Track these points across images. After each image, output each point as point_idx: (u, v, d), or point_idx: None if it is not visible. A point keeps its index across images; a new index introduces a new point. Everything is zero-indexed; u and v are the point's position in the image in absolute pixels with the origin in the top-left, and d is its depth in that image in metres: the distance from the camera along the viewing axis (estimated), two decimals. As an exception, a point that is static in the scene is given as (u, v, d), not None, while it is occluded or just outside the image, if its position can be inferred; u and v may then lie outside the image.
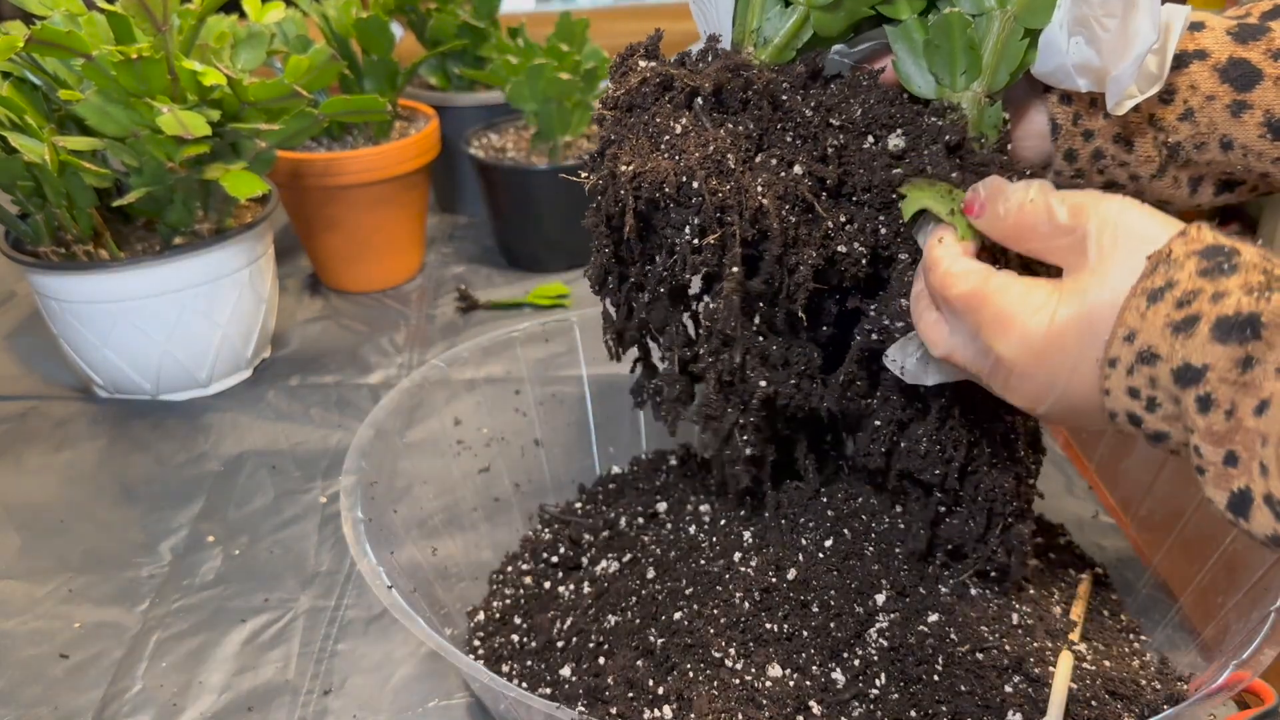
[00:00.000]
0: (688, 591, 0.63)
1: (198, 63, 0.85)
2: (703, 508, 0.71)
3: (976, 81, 0.55)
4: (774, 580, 0.62)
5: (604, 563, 0.70)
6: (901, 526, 0.65)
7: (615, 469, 0.84)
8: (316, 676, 0.70)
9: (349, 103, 0.94)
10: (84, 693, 0.68)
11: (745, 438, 0.61)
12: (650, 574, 0.66)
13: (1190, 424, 0.41)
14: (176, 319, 0.93)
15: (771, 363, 0.59)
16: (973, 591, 0.63)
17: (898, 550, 0.64)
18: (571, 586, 0.70)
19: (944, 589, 0.63)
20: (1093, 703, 0.60)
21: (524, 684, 0.63)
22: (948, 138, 0.54)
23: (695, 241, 0.53)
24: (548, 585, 0.72)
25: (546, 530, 0.78)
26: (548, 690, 0.61)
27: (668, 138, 0.53)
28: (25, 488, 0.88)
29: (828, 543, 0.64)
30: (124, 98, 0.83)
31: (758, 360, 0.58)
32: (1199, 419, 0.41)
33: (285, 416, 0.96)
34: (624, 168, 0.53)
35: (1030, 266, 0.50)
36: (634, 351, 0.64)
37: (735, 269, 0.53)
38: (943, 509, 0.62)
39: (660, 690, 0.59)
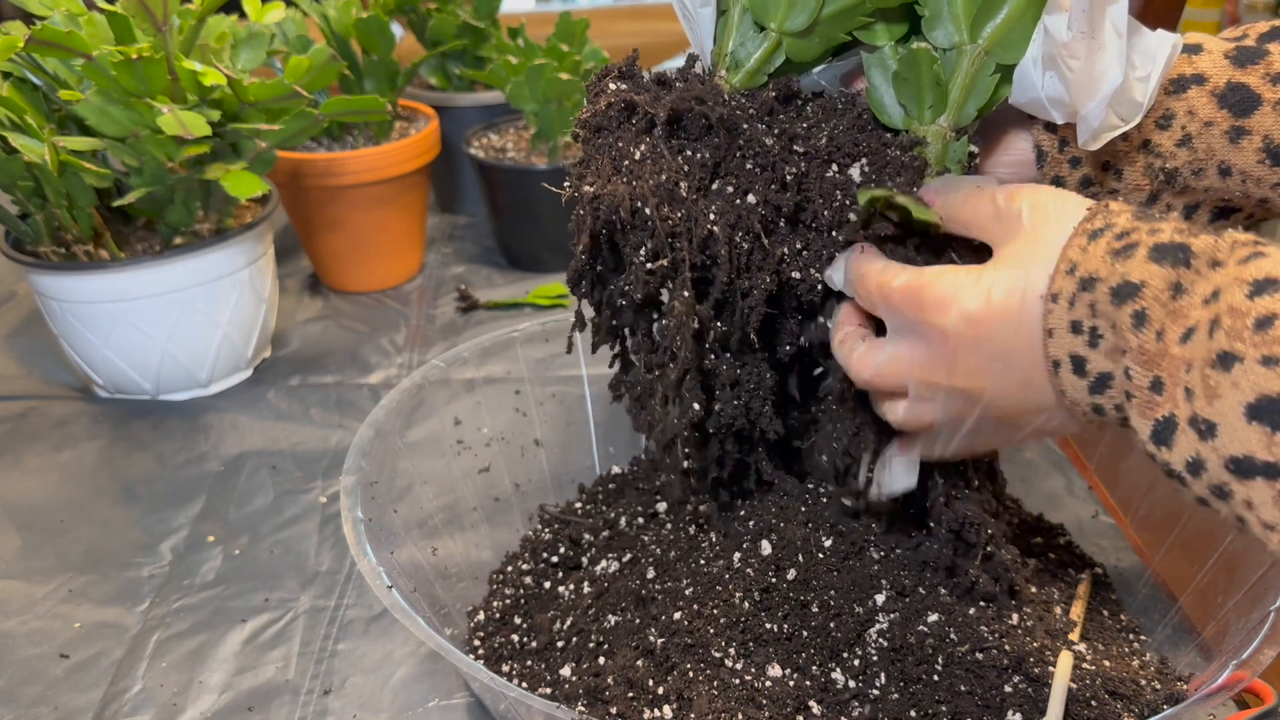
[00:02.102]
0: (688, 591, 0.63)
1: (198, 63, 0.85)
2: (702, 507, 0.71)
3: (943, 116, 0.56)
4: (774, 580, 0.62)
5: (604, 563, 0.70)
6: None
7: (615, 469, 0.84)
8: (317, 676, 0.70)
9: (349, 103, 0.94)
10: (84, 692, 0.69)
11: (686, 450, 0.63)
12: (650, 574, 0.66)
13: (1124, 344, 0.43)
14: (177, 319, 0.93)
15: (721, 382, 0.60)
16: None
17: (897, 551, 0.64)
18: (571, 586, 0.70)
19: (944, 589, 0.63)
20: (1092, 702, 0.60)
21: (524, 684, 0.63)
22: (907, 175, 0.55)
23: (649, 265, 0.55)
24: (548, 585, 0.72)
25: (547, 530, 0.78)
26: (548, 690, 0.62)
27: (627, 162, 0.54)
28: (25, 487, 0.88)
29: (827, 543, 0.64)
30: (124, 98, 0.83)
31: (696, 382, 0.59)
32: (1132, 336, 0.42)
33: (285, 416, 0.96)
34: (587, 188, 0.54)
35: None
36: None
37: (685, 293, 0.55)
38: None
39: (660, 690, 0.59)
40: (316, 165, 1.08)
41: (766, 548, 0.64)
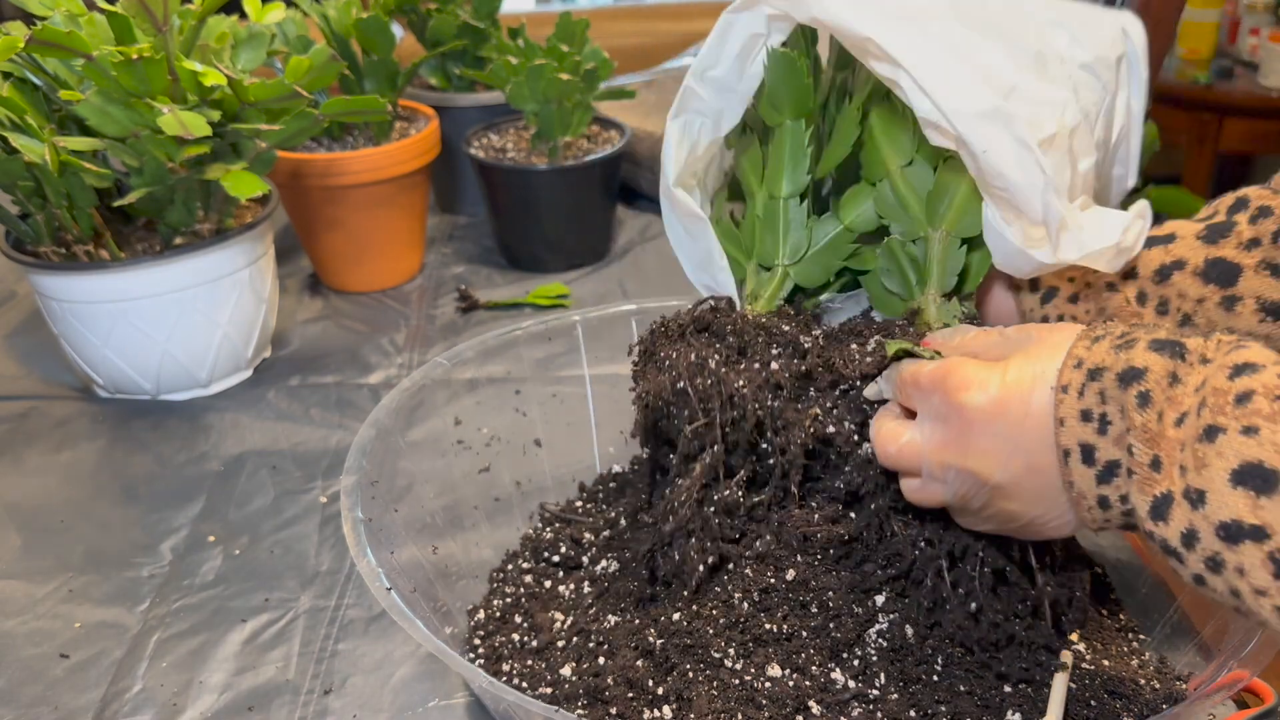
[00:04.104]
0: (686, 592, 0.63)
1: (198, 63, 0.85)
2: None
3: (929, 286, 0.65)
4: (773, 580, 0.62)
5: (604, 562, 0.70)
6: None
7: (616, 468, 0.84)
8: (317, 676, 0.70)
9: (349, 103, 0.94)
10: (84, 692, 0.69)
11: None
12: (650, 574, 0.66)
13: (1130, 423, 0.46)
14: (177, 319, 0.93)
15: (714, 537, 0.64)
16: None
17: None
18: (572, 586, 0.70)
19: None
20: (1092, 702, 0.60)
21: (524, 683, 0.63)
22: (914, 336, 0.63)
23: (689, 431, 0.62)
24: (548, 584, 0.72)
25: (548, 529, 0.78)
26: (548, 690, 0.62)
27: (667, 362, 0.64)
28: (26, 487, 0.88)
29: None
30: (124, 98, 0.83)
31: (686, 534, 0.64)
32: (1137, 416, 0.46)
33: (285, 416, 0.97)
34: (642, 390, 0.65)
35: None
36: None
37: (715, 446, 0.62)
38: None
39: (660, 690, 0.59)
40: (317, 165, 1.08)
41: (767, 547, 0.64)
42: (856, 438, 0.61)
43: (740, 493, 0.63)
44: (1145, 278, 0.63)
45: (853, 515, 0.63)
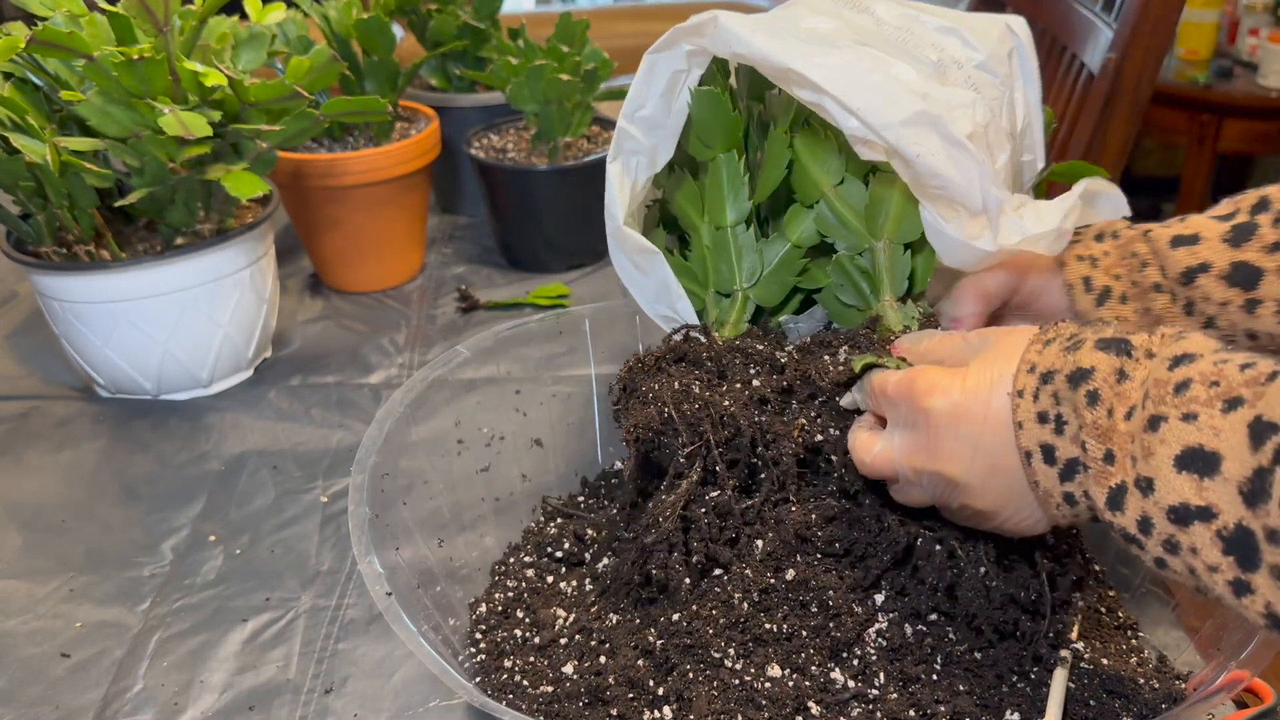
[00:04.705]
0: (676, 602, 0.63)
1: (199, 63, 0.85)
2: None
3: (884, 292, 0.68)
4: (773, 580, 0.62)
5: (606, 559, 0.70)
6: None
7: (618, 464, 0.84)
8: (318, 676, 0.70)
9: (350, 104, 0.94)
10: (85, 692, 0.69)
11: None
12: (644, 578, 0.66)
13: (1082, 421, 0.48)
14: (178, 319, 0.93)
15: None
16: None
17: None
18: (574, 582, 0.70)
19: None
20: (1091, 702, 0.60)
21: (526, 680, 0.63)
22: (880, 348, 0.64)
23: (683, 456, 0.63)
24: (550, 579, 0.72)
25: (550, 524, 0.78)
26: (549, 688, 0.62)
27: (650, 394, 0.65)
28: (27, 487, 0.88)
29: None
30: (125, 98, 0.83)
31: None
32: (1087, 413, 0.47)
33: (286, 416, 0.97)
34: (628, 424, 0.66)
35: None
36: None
37: (707, 456, 0.63)
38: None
39: (660, 690, 0.59)
40: (317, 166, 1.08)
41: (764, 547, 0.64)
42: (844, 443, 0.63)
43: (732, 495, 0.63)
44: (1172, 279, 0.64)
45: (849, 507, 0.63)
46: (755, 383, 0.66)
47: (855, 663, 0.60)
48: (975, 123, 0.63)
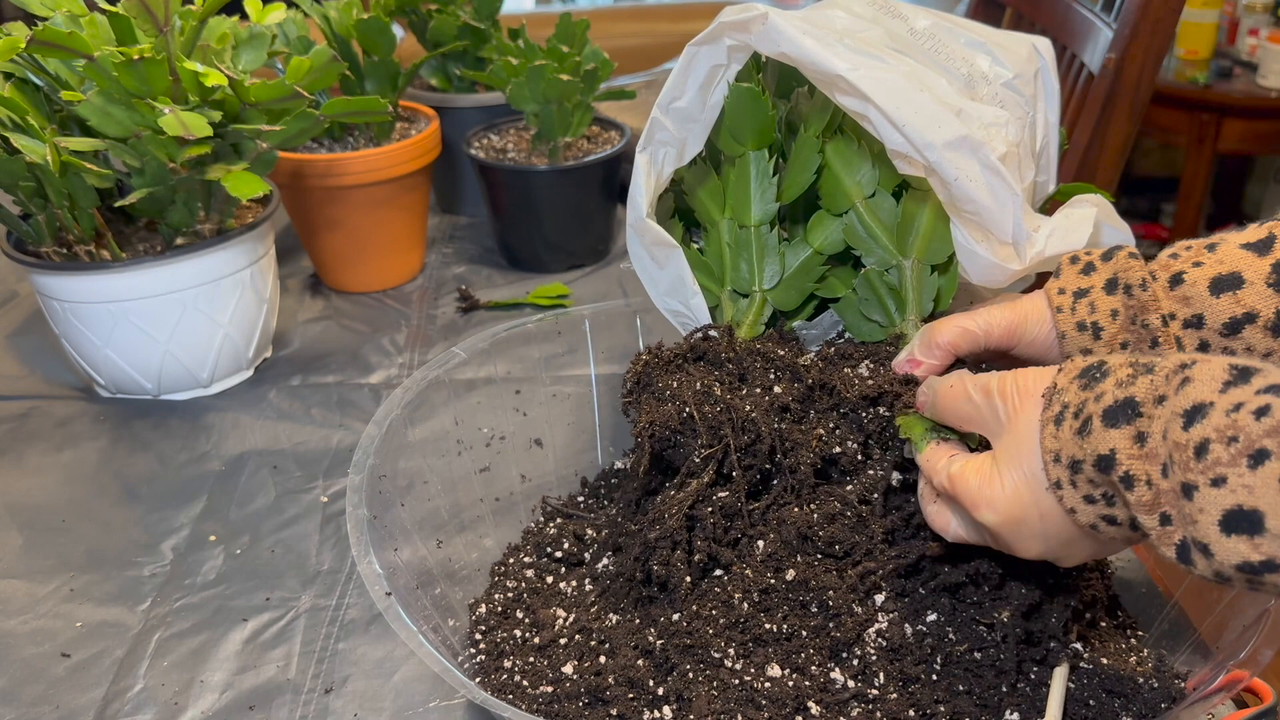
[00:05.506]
0: (676, 599, 0.63)
1: (199, 64, 0.85)
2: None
3: (909, 310, 0.68)
4: (773, 580, 0.62)
5: (605, 560, 0.70)
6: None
7: (618, 464, 0.84)
8: (318, 675, 0.70)
9: (350, 104, 0.94)
10: (85, 692, 0.69)
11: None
12: (646, 575, 0.66)
13: (1125, 500, 0.47)
14: (178, 319, 0.93)
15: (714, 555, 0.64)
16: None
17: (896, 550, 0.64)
18: (574, 583, 0.70)
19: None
20: (1090, 702, 0.60)
21: (525, 680, 0.63)
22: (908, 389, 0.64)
23: (699, 457, 0.63)
24: (550, 579, 0.72)
25: (550, 524, 0.78)
26: (549, 688, 0.62)
27: (668, 392, 0.65)
28: (27, 487, 0.88)
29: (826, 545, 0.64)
30: (125, 98, 0.83)
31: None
32: (1128, 495, 0.47)
33: (286, 416, 0.97)
34: (643, 421, 0.65)
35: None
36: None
37: (724, 458, 0.63)
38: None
39: (660, 690, 0.59)
40: (318, 166, 1.08)
41: (765, 548, 0.64)
42: (860, 456, 0.64)
43: (739, 498, 0.63)
44: (1212, 329, 0.58)
45: (849, 510, 0.63)
46: (776, 389, 0.66)
47: (855, 663, 0.60)
48: (1008, 142, 0.63)
